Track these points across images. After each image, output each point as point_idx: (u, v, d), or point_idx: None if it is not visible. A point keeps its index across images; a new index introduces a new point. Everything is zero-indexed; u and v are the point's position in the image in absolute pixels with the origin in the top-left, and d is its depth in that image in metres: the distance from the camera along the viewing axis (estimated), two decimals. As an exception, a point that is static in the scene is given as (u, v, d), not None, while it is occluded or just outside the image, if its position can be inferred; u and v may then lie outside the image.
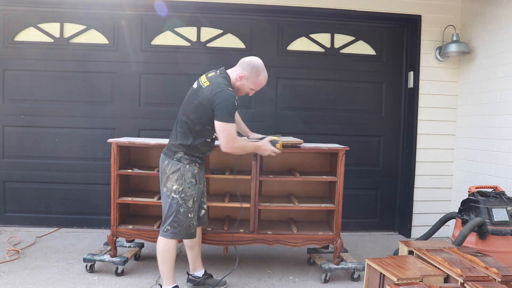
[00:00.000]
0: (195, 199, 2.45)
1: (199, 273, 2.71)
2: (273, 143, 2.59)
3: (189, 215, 2.42)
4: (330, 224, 3.06)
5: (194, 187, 2.43)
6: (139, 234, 2.93)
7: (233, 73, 2.46)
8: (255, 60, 2.47)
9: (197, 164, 2.47)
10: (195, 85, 2.48)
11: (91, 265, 2.92)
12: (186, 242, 2.67)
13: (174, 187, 2.40)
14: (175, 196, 2.40)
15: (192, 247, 2.69)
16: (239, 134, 2.72)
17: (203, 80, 2.42)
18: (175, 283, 2.47)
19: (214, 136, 2.48)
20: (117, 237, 2.92)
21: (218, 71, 2.46)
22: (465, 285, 2.04)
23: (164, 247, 2.42)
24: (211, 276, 2.76)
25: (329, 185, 3.18)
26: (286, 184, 3.23)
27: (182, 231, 2.42)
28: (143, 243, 3.29)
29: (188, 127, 2.41)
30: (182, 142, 2.42)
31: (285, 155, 3.21)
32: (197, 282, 2.70)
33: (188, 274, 2.75)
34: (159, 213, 3.19)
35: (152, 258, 3.27)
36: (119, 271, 2.88)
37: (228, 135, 2.32)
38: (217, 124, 2.31)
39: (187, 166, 2.42)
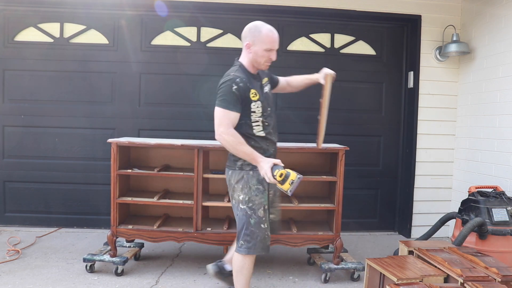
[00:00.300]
0: (265, 207, 2.24)
1: (229, 266, 2.57)
2: (275, 168, 2.09)
3: (262, 225, 2.22)
4: (330, 224, 3.06)
5: (263, 194, 2.23)
6: (139, 234, 2.93)
7: (242, 53, 2.32)
8: (260, 24, 2.28)
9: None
10: None
11: (91, 265, 2.92)
12: None
13: (241, 197, 2.22)
14: (243, 207, 2.22)
15: None
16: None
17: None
18: None
19: (259, 128, 2.23)
20: (117, 237, 2.92)
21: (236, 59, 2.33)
22: (465, 285, 2.04)
23: (240, 263, 2.26)
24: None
25: (329, 185, 3.18)
26: (286, 184, 3.22)
27: (258, 244, 2.21)
28: (143, 243, 3.29)
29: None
30: None
31: (285, 155, 3.20)
32: (223, 273, 2.59)
33: (218, 260, 2.65)
34: (159, 213, 3.20)
35: (152, 258, 3.27)
36: (119, 271, 2.88)
37: (221, 121, 2.12)
38: (215, 110, 2.16)
39: (251, 172, 2.21)
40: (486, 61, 3.67)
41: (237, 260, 2.28)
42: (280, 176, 2.04)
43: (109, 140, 2.91)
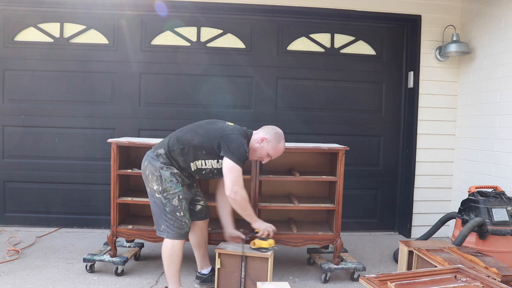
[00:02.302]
0: (180, 197, 2.40)
1: (206, 270, 2.73)
2: (260, 238, 2.54)
3: (177, 213, 2.39)
4: (330, 224, 3.06)
5: (176, 185, 2.40)
6: (139, 234, 2.93)
7: (256, 134, 2.54)
8: (278, 128, 2.57)
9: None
10: (219, 122, 2.56)
11: (91, 265, 2.92)
12: (191, 240, 2.68)
13: (155, 187, 2.41)
14: (158, 196, 2.40)
15: (198, 246, 2.69)
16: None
17: (230, 123, 2.53)
18: (181, 286, 2.47)
19: (201, 169, 2.47)
20: (117, 237, 2.92)
21: (244, 128, 2.56)
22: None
23: (169, 251, 2.41)
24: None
25: (329, 185, 3.18)
26: (286, 184, 3.23)
27: (175, 230, 2.39)
28: (143, 243, 3.29)
29: (181, 141, 2.43)
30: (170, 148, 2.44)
31: (285, 155, 3.20)
32: (203, 278, 2.71)
33: (196, 271, 2.77)
34: (159, 213, 3.19)
35: (152, 258, 3.27)
36: (119, 271, 2.88)
37: (236, 178, 2.32)
38: (227, 163, 2.32)
39: (164, 167, 2.41)
40: (486, 61, 3.67)
41: (166, 248, 2.41)
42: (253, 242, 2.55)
43: (109, 140, 2.91)
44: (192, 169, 2.47)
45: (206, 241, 2.76)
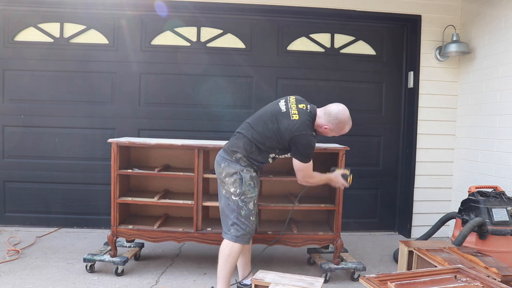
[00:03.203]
0: (255, 201, 2.44)
1: (248, 280, 2.60)
2: (345, 177, 2.66)
3: (251, 218, 2.42)
4: (330, 224, 3.06)
5: (253, 189, 2.42)
6: (139, 234, 2.93)
7: (319, 118, 2.47)
8: (342, 114, 2.47)
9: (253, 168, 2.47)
10: (283, 108, 2.43)
11: (91, 265, 2.92)
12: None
13: (232, 190, 2.39)
14: (235, 198, 2.39)
15: (244, 252, 2.60)
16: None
17: (294, 111, 2.41)
18: None
19: (275, 157, 2.52)
20: (117, 237, 2.92)
21: (308, 107, 2.48)
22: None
23: (228, 251, 2.40)
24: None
25: (329, 185, 3.17)
26: (287, 184, 3.22)
27: (246, 235, 2.41)
28: (143, 243, 3.29)
29: (255, 143, 2.42)
30: (246, 148, 2.42)
31: (285, 155, 3.21)
32: None
33: (237, 282, 2.66)
34: (159, 213, 3.20)
35: (152, 258, 3.27)
36: (119, 271, 2.88)
37: (306, 174, 2.46)
38: (296, 163, 2.42)
39: (245, 169, 2.41)
40: (486, 61, 3.67)
41: (226, 248, 2.40)
42: (349, 179, 2.68)
43: (109, 140, 2.90)
44: (270, 162, 2.54)
45: (250, 248, 2.71)
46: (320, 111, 2.48)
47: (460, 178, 4.00)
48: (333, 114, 2.44)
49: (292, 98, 2.50)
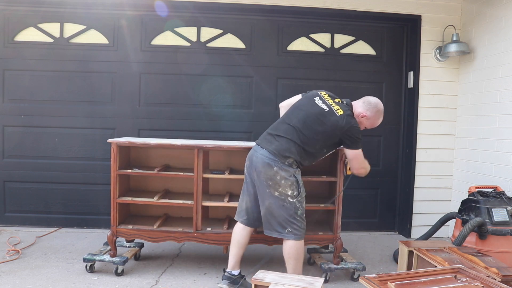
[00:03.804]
0: (305, 201, 2.55)
1: (236, 271, 2.67)
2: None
3: (304, 215, 2.53)
4: (330, 224, 3.05)
5: (303, 189, 2.53)
6: (139, 234, 2.93)
7: (357, 108, 2.59)
8: (380, 105, 2.60)
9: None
10: (324, 107, 2.50)
11: (91, 265, 2.92)
12: (242, 240, 2.66)
13: (289, 192, 2.46)
14: (292, 200, 2.47)
15: (242, 246, 2.67)
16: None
17: (335, 106, 2.50)
18: None
19: (323, 155, 2.62)
20: (117, 237, 2.92)
21: (344, 101, 2.58)
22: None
23: (296, 250, 2.52)
24: (244, 277, 2.70)
25: (329, 185, 3.18)
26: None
27: (303, 231, 2.53)
28: (143, 243, 3.29)
29: (304, 147, 2.49)
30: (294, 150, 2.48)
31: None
32: (233, 279, 2.65)
33: (225, 271, 2.69)
34: (159, 213, 3.20)
35: (152, 258, 3.27)
36: (119, 271, 2.88)
37: (360, 160, 2.57)
38: (351, 152, 2.52)
39: (297, 170, 2.51)
40: (486, 61, 3.67)
41: (292, 248, 2.50)
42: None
43: (109, 140, 2.90)
44: (319, 159, 2.65)
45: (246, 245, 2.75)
46: (357, 102, 2.62)
47: (460, 178, 4.00)
48: (373, 103, 2.58)
49: (325, 94, 2.60)
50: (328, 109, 2.49)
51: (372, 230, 4.22)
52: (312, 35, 4.12)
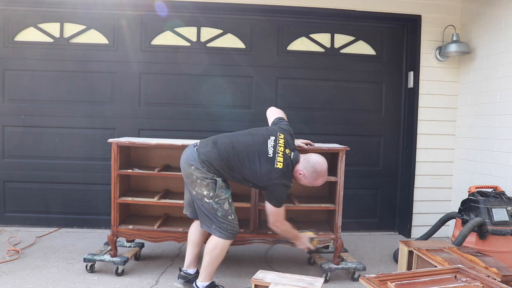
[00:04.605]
0: (230, 201, 2.52)
1: (192, 270, 2.69)
2: (311, 240, 2.77)
3: (229, 217, 2.49)
4: (330, 224, 3.06)
5: (226, 190, 2.51)
6: (139, 234, 2.93)
7: (299, 163, 2.53)
8: (320, 166, 2.53)
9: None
10: (270, 151, 2.45)
11: (91, 265, 2.92)
12: (195, 238, 2.68)
13: (205, 193, 2.45)
14: (208, 201, 2.46)
15: (197, 245, 2.69)
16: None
17: (279, 157, 2.44)
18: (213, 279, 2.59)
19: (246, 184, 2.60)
20: (117, 237, 2.92)
21: (292, 154, 2.52)
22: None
23: (217, 249, 2.49)
24: None
25: (329, 185, 3.18)
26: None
27: (227, 232, 2.50)
28: (143, 243, 3.29)
29: (231, 167, 2.48)
30: (216, 162, 2.47)
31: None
32: (189, 279, 2.66)
33: (181, 270, 2.71)
34: (159, 213, 3.20)
35: (152, 258, 3.27)
36: (119, 271, 2.88)
37: (277, 218, 2.53)
38: (270, 206, 2.48)
39: (215, 174, 2.49)
40: (486, 61, 3.67)
41: (213, 243, 2.49)
42: (314, 242, 2.82)
43: (110, 140, 2.90)
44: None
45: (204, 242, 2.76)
46: (302, 157, 2.55)
47: (460, 178, 4.01)
48: (311, 163, 2.51)
49: (281, 139, 2.51)
50: (271, 155, 2.44)
51: (372, 230, 4.22)
52: (312, 35, 4.12)
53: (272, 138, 2.51)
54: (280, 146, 2.48)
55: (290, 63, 4.08)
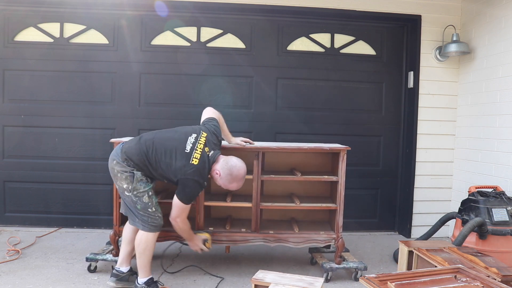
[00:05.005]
0: (150, 193, 2.52)
1: (125, 268, 2.69)
2: (205, 242, 2.79)
3: (149, 209, 2.51)
4: (332, 223, 3.06)
5: (146, 184, 2.52)
6: (139, 234, 2.93)
7: (218, 163, 2.54)
8: (237, 170, 2.53)
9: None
10: (188, 147, 2.48)
11: (94, 265, 2.92)
12: (128, 235, 2.68)
13: (125, 186, 2.49)
14: (128, 194, 2.50)
15: (129, 242, 2.68)
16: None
17: (197, 154, 2.47)
18: (151, 275, 2.61)
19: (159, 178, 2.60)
20: (119, 237, 2.92)
21: (211, 153, 2.53)
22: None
23: (144, 243, 2.54)
24: (136, 273, 2.69)
25: (331, 185, 3.19)
26: (288, 184, 3.23)
27: (149, 225, 2.52)
28: (143, 243, 3.28)
29: (151, 160, 2.51)
30: (136, 157, 2.50)
31: (286, 155, 3.21)
32: (121, 277, 2.66)
33: (113, 268, 2.72)
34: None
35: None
36: (120, 271, 2.88)
37: (180, 214, 2.53)
38: (177, 201, 2.49)
39: (134, 169, 2.51)
40: (486, 61, 3.67)
41: (138, 238, 2.53)
42: (207, 243, 2.82)
43: (112, 140, 2.90)
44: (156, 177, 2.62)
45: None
46: (221, 158, 2.56)
47: (460, 178, 4.01)
48: (229, 165, 2.53)
49: (203, 138, 2.54)
50: (189, 151, 2.47)
51: (372, 230, 4.22)
52: (312, 35, 4.12)
53: (194, 135, 2.54)
54: (200, 144, 2.51)
55: (290, 63, 4.08)
